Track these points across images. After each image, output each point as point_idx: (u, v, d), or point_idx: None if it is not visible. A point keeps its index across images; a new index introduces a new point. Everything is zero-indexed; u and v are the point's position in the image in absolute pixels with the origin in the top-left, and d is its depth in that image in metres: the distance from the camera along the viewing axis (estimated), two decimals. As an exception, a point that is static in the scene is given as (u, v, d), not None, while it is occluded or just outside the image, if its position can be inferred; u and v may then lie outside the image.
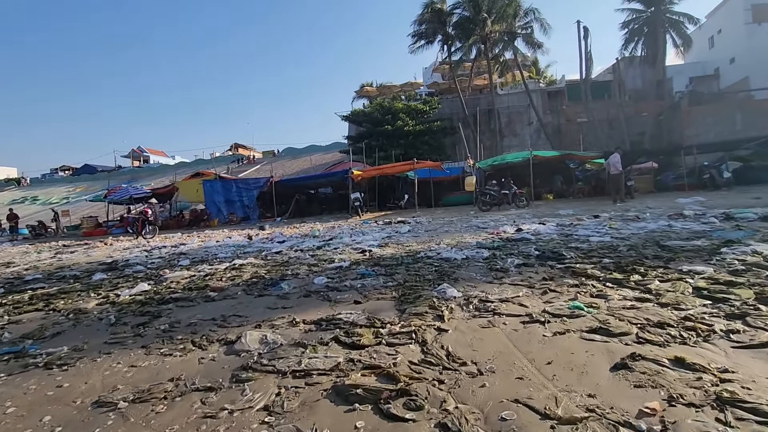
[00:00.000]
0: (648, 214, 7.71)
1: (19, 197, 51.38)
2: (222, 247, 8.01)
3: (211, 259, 6.64)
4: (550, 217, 9.31)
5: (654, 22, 27.08)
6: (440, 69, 35.65)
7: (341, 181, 16.45)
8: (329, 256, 5.86)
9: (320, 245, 7.04)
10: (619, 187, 12.06)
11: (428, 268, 4.56)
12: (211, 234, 11.61)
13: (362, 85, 36.96)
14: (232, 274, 5.14)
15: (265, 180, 17.15)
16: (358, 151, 25.24)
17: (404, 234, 7.66)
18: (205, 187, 16.58)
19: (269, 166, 46.75)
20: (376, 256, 5.52)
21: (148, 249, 8.72)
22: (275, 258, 6.16)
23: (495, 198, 13.30)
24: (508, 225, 7.75)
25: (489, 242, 5.92)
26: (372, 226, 10.37)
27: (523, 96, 29.62)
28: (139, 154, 72.22)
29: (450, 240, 6.47)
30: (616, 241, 5.16)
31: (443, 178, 20.51)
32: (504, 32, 25.17)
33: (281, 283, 4.28)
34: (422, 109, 26.21)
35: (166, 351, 2.64)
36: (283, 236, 8.65)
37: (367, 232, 8.54)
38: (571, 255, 4.52)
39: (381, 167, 17.90)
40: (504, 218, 9.89)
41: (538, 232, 6.47)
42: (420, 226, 9.44)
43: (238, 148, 69.00)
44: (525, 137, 29.97)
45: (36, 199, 50.11)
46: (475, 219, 10.31)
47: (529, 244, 5.56)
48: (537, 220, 8.28)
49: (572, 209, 10.49)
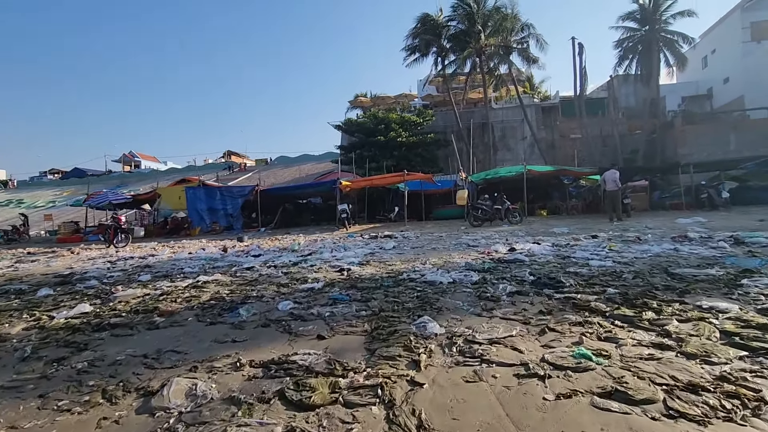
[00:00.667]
0: (649, 235, 7.25)
1: (4, 200, 50.19)
2: (192, 260, 7.42)
3: (176, 274, 6.05)
4: (545, 236, 8.84)
5: (648, 41, 27.15)
6: (435, 82, 35.51)
7: (329, 192, 15.92)
8: (303, 275, 5.31)
9: (297, 261, 6.48)
10: (617, 205, 11.67)
11: (409, 293, 4.03)
12: (186, 244, 10.98)
13: (356, 96, 36.70)
14: (190, 294, 4.57)
15: (251, 188, 16.57)
16: (349, 161, 24.79)
17: (389, 251, 7.14)
18: (188, 194, 15.93)
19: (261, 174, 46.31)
20: (354, 277, 4.98)
21: (114, 260, 8.09)
22: (245, 275, 5.59)
23: (487, 213, 12.84)
24: (500, 243, 7.25)
25: (479, 263, 5.41)
26: (357, 240, 9.84)
27: (518, 110, 29.47)
28: (130, 159, 71.39)
29: (437, 259, 5.95)
30: (620, 267, 4.67)
31: (435, 190, 20.07)
32: (499, 46, 25.03)
33: (240, 309, 3.72)
34: (416, 120, 25.88)
35: (65, 404, 2.08)
36: (260, 250, 8.08)
37: (350, 247, 8.00)
38: (571, 282, 4.02)
39: (370, 178, 17.40)
40: (496, 235, 9.40)
41: (533, 252, 5.97)
42: (407, 241, 8.93)
43: (231, 156, 68.52)
44: (519, 152, 29.76)
45: (21, 202, 48.94)
46: (465, 235, 9.81)
47: (523, 266, 5.06)
48: (531, 239, 7.79)
49: (567, 227, 10.05)
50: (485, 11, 25.04)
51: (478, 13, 24.60)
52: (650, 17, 27.01)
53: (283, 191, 19.02)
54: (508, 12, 25.09)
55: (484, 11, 25.00)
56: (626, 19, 28.04)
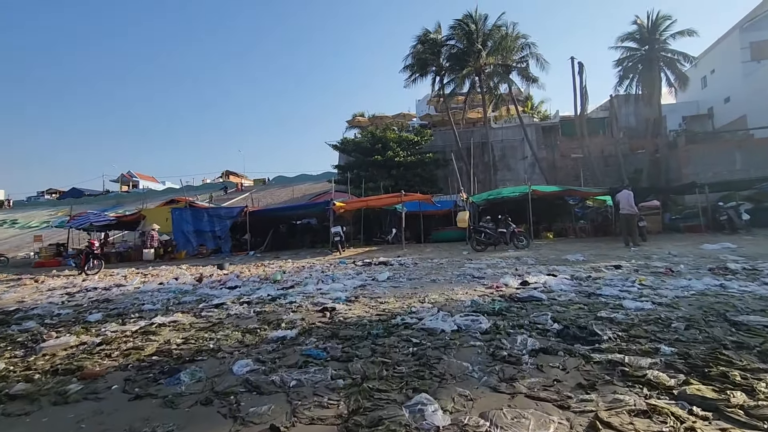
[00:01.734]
0: (682, 266, 6.38)
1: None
2: (159, 293, 6.54)
3: (133, 312, 5.19)
4: (556, 263, 7.99)
5: (649, 60, 26.87)
6: (433, 101, 35.24)
7: (323, 213, 15.10)
8: (278, 316, 4.46)
9: (276, 295, 5.62)
10: (633, 228, 10.81)
11: (403, 348, 3.17)
12: (162, 271, 10.07)
13: (354, 115, 36.34)
14: (134, 344, 3.71)
15: (239, 209, 15.76)
16: (346, 181, 24.13)
17: (382, 283, 6.27)
18: (174, 215, 15.08)
19: (258, 194, 45.65)
20: (338, 320, 4.12)
21: (74, 291, 7.21)
22: (210, 314, 4.73)
23: (491, 237, 11.97)
24: (509, 274, 6.39)
25: (488, 302, 4.56)
26: (348, 268, 8.96)
27: (518, 130, 29.00)
28: (128, 179, 71.08)
29: (437, 296, 5.09)
30: (663, 311, 3.82)
31: (434, 212, 19.28)
32: (499, 65, 24.67)
33: (182, 373, 2.86)
34: (414, 139, 25.34)
35: None
36: (238, 280, 7.21)
37: (339, 277, 7.12)
38: (608, 334, 3.17)
39: (366, 199, 16.58)
40: (502, 263, 8.53)
41: (550, 287, 5.11)
42: (403, 270, 8.04)
43: (230, 176, 68.22)
44: (519, 171, 29.18)
45: (15, 223, 48.16)
46: (468, 262, 8.93)
47: (541, 307, 4.21)
48: (544, 269, 6.90)
49: (581, 253, 9.18)
50: (485, 30, 24.79)
51: (478, 32, 24.33)
52: (650, 37, 26.81)
53: (274, 212, 18.13)
54: (508, 31, 24.84)
55: (484, 30, 24.74)
56: (626, 39, 27.85)
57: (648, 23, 26.88)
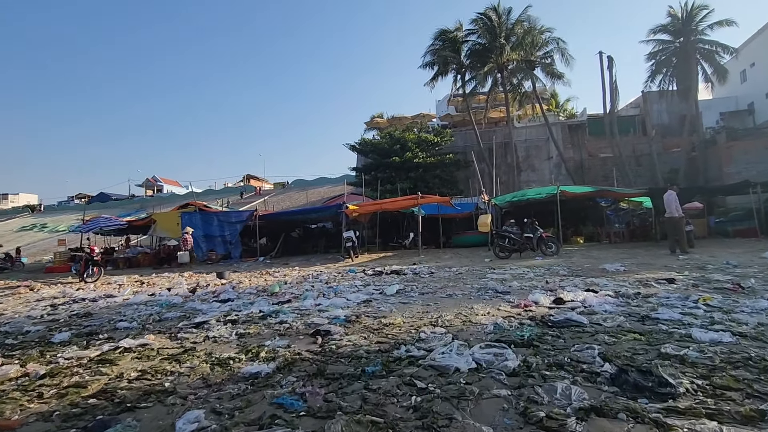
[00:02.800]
0: (752, 281, 5.28)
1: (29, 224, 51.07)
2: (146, 306, 5.94)
3: (106, 330, 4.59)
4: (593, 274, 7.02)
5: (685, 53, 25.25)
6: (454, 101, 34.28)
7: (335, 217, 14.42)
8: (262, 340, 3.75)
9: (268, 312, 4.92)
10: (680, 234, 9.63)
11: (404, 396, 2.40)
12: (160, 279, 9.55)
13: (372, 117, 35.71)
14: (79, 379, 3.05)
15: (249, 213, 15.23)
16: (364, 183, 23.46)
17: (390, 298, 5.49)
18: (183, 220, 14.67)
19: (277, 198, 45.53)
20: (329, 349, 3.37)
21: (60, 303, 6.70)
22: (186, 336, 4.07)
23: (516, 242, 10.98)
24: (539, 289, 5.51)
25: (514, 326, 3.72)
26: (356, 278, 8.21)
27: (542, 129, 27.76)
28: (153, 184, 72.47)
29: (452, 316, 4.28)
30: (749, 345, 2.91)
31: (454, 215, 18.36)
32: (523, 60, 23.53)
33: (108, 431, 2.17)
34: (434, 140, 24.46)
35: None
36: (233, 292, 6.55)
37: (344, 289, 6.38)
38: (684, 384, 2.31)
39: (380, 202, 15.77)
40: (530, 272, 7.59)
41: (590, 307, 4.22)
42: (416, 282, 7.21)
43: (250, 180, 68.77)
44: (544, 172, 27.94)
45: (44, 227, 49.55)
46: (490, 272, 8.04)
47: (583, 336, 3.35)
48: (581, 282, 5.92)
49: (619, 261, 8.16)
50: (508, 24, 23.70)
51: (501, 26, 23.26)
52: (685, 28, 25.21)
53: (285, 216, 17.51)
54: (532, 25, 23.69)
55: (507, 24, 23.66)
56: (658, 31, 26.27)
57: (682, 14, 25.29)
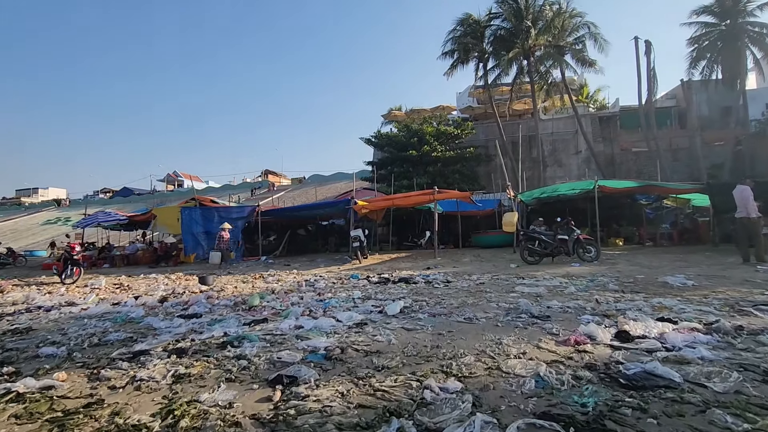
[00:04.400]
0: None
1: (54, 218, 52.05)
2: (100, 320, 4.91)
3: (26, 356, 3.56)
4: (650, 287, 5.63)
5: (731, 37, 23.01)
6: (475, 93, 32.64)
7: (343, 213, 13.21)
8: (197, 390, 2.60)
9: (233, 337, 3.78)
10: (757, 238, 7.98)
11: None
12: (140, 283, 8.55)
13: (390, 110, 34.35)
14: None
15: (251, 209, 14.15)
16: (381, 179, 22.23)
17: (392, 319, 4.26)
18: (183, 215, 13.67)
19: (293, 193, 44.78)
20: (284, 415, 2.19)
21: (9, 312, 5.74)
22: (113, 373, 2.96)
23: (548, 245, 9.44)
24: (587, 311, 4.18)
25: (566, 381, 2.45)
26: (358, 285, 7.00)
27: (570, 122, 25.96)
28: (173, 179, 73.12)
29: (473, 357, 3.02)
30: None
31: (474, 212, 16.95)
32: (551, 46, 21.76)
33: None
34: (454, 132, 23.01)
35: None
36: (206, 304, 5.46)
37: (338, 303, 5.19)
38: None
39: (391, 197, 14.41)
40: (569, 284, 6.13)
41: (675, 348, 2.90)
42: (428, 295, 5.93)
43: (268, 175, 68.48)
44: (572, 168, 26.19)
45: (68, 220, 50.27)
46: (519, 282, 6.68)
47: (683, 409, 2.07)
48: (644, 303, 4.43)
49: (678, 271, 6.71)
50: (536, 6, 21.93)
51: (528, 7, 21.52)
52: (732, 9, 22.93)
53: (289, 213, 16.26)
54: (562, 7, 21.87)
55: (534, 6, 21.89)
56: (701, 13, 24.01)
57: (729, -7, 23.04)
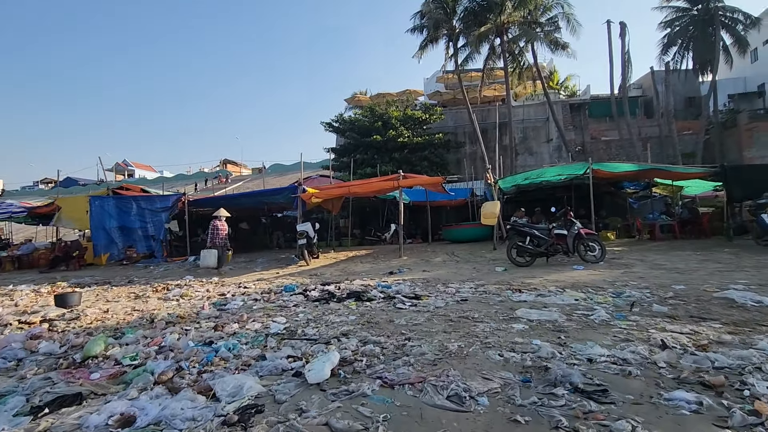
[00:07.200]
0: None
1: (-18, 210, 46.45)
2: None
3: None
4: (702, 302, 3.97)
5: (703, 22, 22.34)
6: (443, 78, 30.95)
7: (290, 203, 11.00)
8: None
9: None
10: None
11: None
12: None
13: (354, 94, 32.12)
14: None
15: (176, 197, 11.64)
16: (343, 167, 20.13)
17: (312, 393, 2.29)
18: (92, 206, 11.00)
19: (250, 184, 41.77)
20: None
21: None
22: None
23: (542, 242, 7.47)
24: (670, 375, 2.35)
25: None
26: (287, 305, 4.94)
27: (541, 109, 24.76)
28: (123, 168, 68.14)
29: None
30: None
31: (446, 202, 15.20)
32: (526, 22, 20.19)
33: None
34: (421, 117, 21.18)
35: None
36: (14, 354, 3.27)
37: (238, 347, 3.13)
38: None
39: (348, 184, 12.19)
40: (592, 304, 4.23)
41: None
42: (385, 323, 3.86)
43: (227, 165, 64.98)
44: (543, 156, 25.10)
45: (0, 214, 44.91)
46: (516, 297, 4.83)
47: None
48: (731, 338, 2.67)
49: (728, 279, 5.08)
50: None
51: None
52: (705, -6, 22.24)
53: (224, 201, 12.86)
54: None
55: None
56: (673, -3, 23.24)
57: (702, -23, 22.32)
